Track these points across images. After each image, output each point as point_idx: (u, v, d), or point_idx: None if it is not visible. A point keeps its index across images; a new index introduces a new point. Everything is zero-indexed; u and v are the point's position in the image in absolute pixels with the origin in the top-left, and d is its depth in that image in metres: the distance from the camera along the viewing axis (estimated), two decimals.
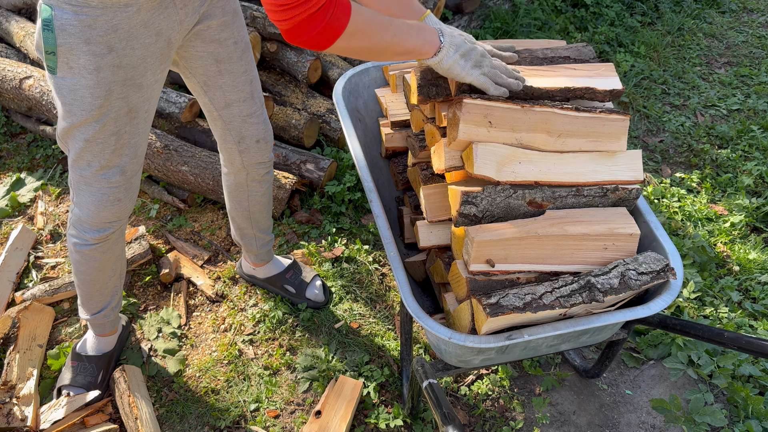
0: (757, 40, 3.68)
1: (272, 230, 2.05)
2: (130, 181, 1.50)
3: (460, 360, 1.46)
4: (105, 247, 1.61)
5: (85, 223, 1.55)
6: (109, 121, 1.36)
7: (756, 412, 1.81)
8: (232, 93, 1.59)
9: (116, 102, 1.35)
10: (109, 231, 1.57)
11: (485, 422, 1.83)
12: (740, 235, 2.41)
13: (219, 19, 1.47)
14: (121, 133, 1.40)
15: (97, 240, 1.58)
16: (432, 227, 1.52)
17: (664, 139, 2.93)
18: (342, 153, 2.60)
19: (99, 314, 1.79)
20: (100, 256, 1.63)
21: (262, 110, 1.69)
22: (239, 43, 1.54)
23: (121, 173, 1.46)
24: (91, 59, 1.26)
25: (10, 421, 1.68)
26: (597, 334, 1.49)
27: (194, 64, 1.53)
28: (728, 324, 2.03)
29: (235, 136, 1.68)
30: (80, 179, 1.47)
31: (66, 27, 1.22)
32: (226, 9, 1.48)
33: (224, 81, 1.56)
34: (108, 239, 1.60)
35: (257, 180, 1.81)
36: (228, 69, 1.55)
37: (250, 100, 1.63)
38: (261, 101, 1.68)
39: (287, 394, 1.88)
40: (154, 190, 2.49)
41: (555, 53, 1.51)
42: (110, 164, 1.44)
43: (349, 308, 2.12)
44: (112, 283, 1.75)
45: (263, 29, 2.54)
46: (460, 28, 3.35)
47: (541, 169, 1.35)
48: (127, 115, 1.39)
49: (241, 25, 1.54)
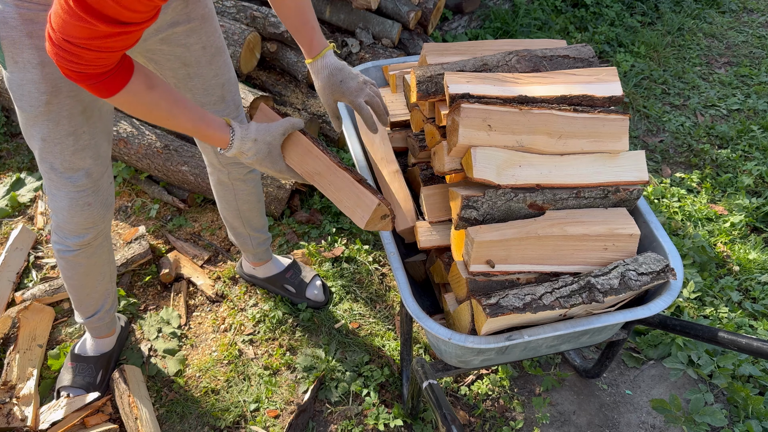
0: (757, 40, 3.68)
1: (268, 229, 2.04)
2: (97, 183, 1.47)
3: (460, 360, 1.46)
4: (88, 252, 1.59)
5: (64, 229, 1.53)
6: (62, 119, 1.33)
7: (756, 412, 1.81)
8: (202, 96, 1.56)
9: (67, 100, 1.31)
10: (89, 237, 1.55)
11: (485, 422, 1.83)
12: (740, 235, 2.41)
13: (184, 26, 1.43)
14: (78, 134, 1.37)
15: (78, 246, 1.56)
16: (432, 228, 1.52)
17: (664, 139, 2.93)
18: (342, 153, 2.60)
19: (93, 318, 1.78)
20: (85, 261, 1.61)
21: (238, 113, 1.65)
22: (208, 47, 1.50)
23: (86, 176, 1.44)
24: (34, 53, 1.24)
25: (10, 421, 1.68)
26: (597, 334, 1.49)
27: (163, 66, 1.49)
28: (728, 324, 2.03)
29: None
30: (50, 183, 1.45)
31: (8, 20, 1.20)
32: (192, 15, 1.44)
33: (194, 84, 1.53)
34: (90, 245, 1.57)
35: (240, 179, 1.80)
36: (197, 72, 1.51)
37: (221, 103, 1.59)
38: (236, 104, 1.63)
39: (287, 394, 1.88)
40: (154, 190, 2.49)
41: (555, 53, 1.51)
42: (73, 166, 1.41)
43: (349, 308, 2.12)
44: (102, 287, 1.74)
45: (263, 29, 2.54)
46: (461, 28, 3.35)
47: (542, 171, 1.35)
48: (82, 114, 1.36)
49: (210, 30, 1.49)
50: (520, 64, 1.48)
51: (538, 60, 1.50)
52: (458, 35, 3.32)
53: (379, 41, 2.87)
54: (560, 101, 1.39)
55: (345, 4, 2.88)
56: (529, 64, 1.49)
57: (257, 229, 1.98)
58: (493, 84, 1.37)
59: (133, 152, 2.41)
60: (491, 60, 1.48)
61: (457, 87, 1.34)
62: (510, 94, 1.36)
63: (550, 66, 1.49)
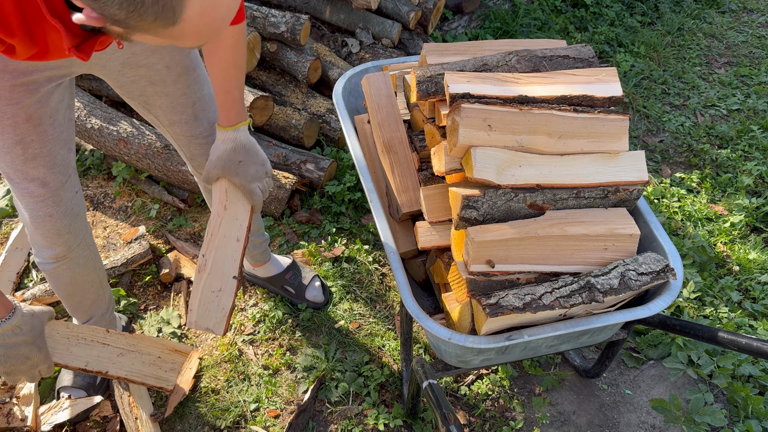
0: (757, 40, 3.68)
1: (266, 230, 2.03)
2: (57, 193, 1.39)
3: (460, 360, 1.46)
4: (68, 264, 1.55)
5: (37, 243, 1.49)
6: (6, 128, 1.26)
7: (756, 412, 1.81)
8: (172, 114, 1.52)
9: (7, 108, 1.24)
10: (59, 249, 1.49)
11: (485, 422, 1.83)
12: (740, 235, 2.41)
13: (143, 46, 1.37)
14: (26, 142, 1.30)
15: (55, 258, 1.51)
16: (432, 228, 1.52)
17: (664, 139, 2.93)
18: (342, 153, 2.60)
19: (89, 323, 1.77)
20: (67, 272, 1.57)
21: (212, 131, 1.58)
22: (173, 67, 1.43)
23: (42, 185, 1.36)
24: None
25: (10, 421, 1.68)
26: (597, 334, 1.49)
27: (130, 88, 1.46)
28: (728, 324, 2.03)
29: (186, 153, 1.63)
30: (14, 196, 1.40)
31: None
32: None
33: (162, 102, 1.49)
34: (66, 257, 1.52)
35: None
36: (164, 91, 1.47)
37: (194, 122, 1.54)
38: (210, 123, 1.57)
39: (287, 394, 1.88)
40: (154, 190, 2.49)
41: (555, 53, 1.51)
42: (27, 176, 1.34)
43: (349, 308, 2.12)
44: (92, 294, 1.71)
45: (263, 29, 2.54)
46: (461, 28, 3.35)
47: (542, 171, 1.35)
48: (27, 122, 1.28)
49: (174, 49, 1.42)
50: (520, 64, 1.48)
51: (538, 60, 1.50)
52: (458, 35, 3.32)
53: (379, 41, 2.87)
54: (560, 101, 1.39)
55: (345, 4, 2.88)
56: (529, 64, 1.49)
57: (256, 233, 1.96)
58: (493, 84, 1.37)
59: (133, 152, 2.41)
60: (491, 60, 1.48)
61: (457, 87, 1.34)
62: (510, 94, 1.37)
63: (550, 66, 1.49)
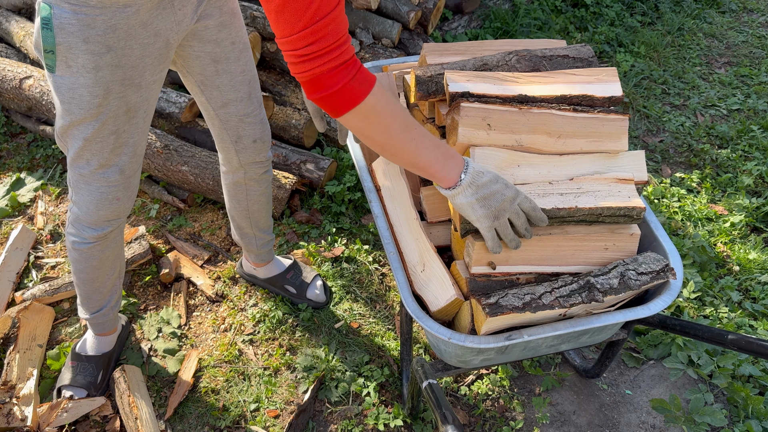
0: (757, 40, 3.68)
1: (272, 230, 2.05)
2: (129, 180, 1.51)
3: (460, 360, 1.46)
4: (103, 245, 1.61)
5: (84, 222, 1.56)
6: (108, 120, 1.37)
7: (756, 412, 1.81)
8: (229, 93, 1.59)
9: (114, 101, 1.35)
10: (107, 230, 1.57)
11: (485, 422, 1.83)
12: (740, 235, 2.41)
13: (217, 19, 1.47)
14: (119, 132, 1.41)
15: (95, 238, 1.58)
16: (432, 228, 1.52)
17: (664, 139, 2.93)
18: (342, 153, 2.60)
19: (98, 313, 1.79)
20: (98, 254, 1.63)
21: (260, 110, 1.69)
22: (237, 43, 1.53)
23: (120, 172, 1.47)
24: (89, 58, 1.26)
25: (10, 421, 1.68)
26: (597, 334, 1.49)
27: (192, 63, 1.53)
28: (728, 324, 2.03)
29: (232, 136, 1.68)
30: (79, 178, 1.47)
31: (65, 26, 1.22)
32: (224, 9, 1.47)
33: (221, 81, 1.56)
34: (106, 238, 1.60)
35: (255, 179, 1.81)
36: (225, 69, 1.54)
37: (247, 100, 1.62)
38: (259, 101, 1.67)
39: (287, 394, 1.88)
40: (154, 190, 2.49)
41: (555, 53, 1.51)
42: (109, 163, 1.44)
43: (349, 308, 2.12)
44: (111, 282, 1.75)
45: (263, 29, 2.54)
46: (461, 28, 3.34)
47: (541, 171, 1.35)
48: (126, 114, 1.39)
49: (239, 25, 1.53)
50: (520, 64, 1.48)
51: (538, 60, 1.50)
52: (458, 35, 3.32)
53: (379, 41, 2.87)
54: (560, 101, 1.39)
55: (345, 4, 2.88)
56: (529, 64, 1.49)
57: (263, 229, 1.99)
58: (493, 83, 1.37)
59: None
60: (491, 60, 1.48)
61: (457, 85, 1.34)
62: (510, 94, 1.37)
63: (550, 66, 1.49)
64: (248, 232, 1.97)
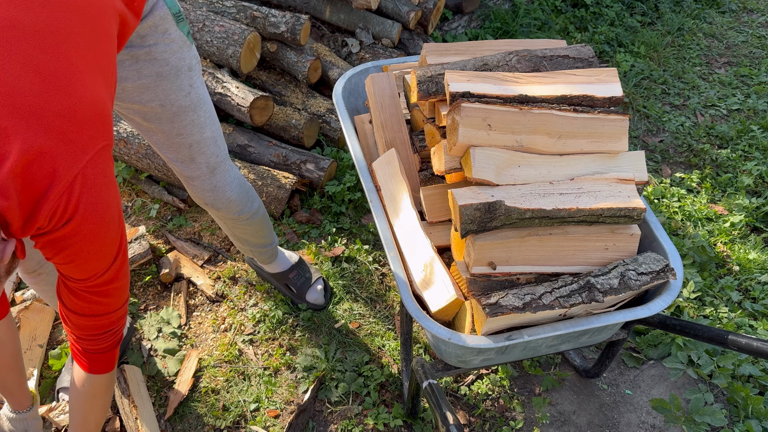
0: (757, 40, 3.68)
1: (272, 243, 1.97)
2: None
3: (460, 360, 1.46)
4: (43, 280, 1.57)
5: None
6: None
7: (756, 412, 1.81)
8: (168, 152, 1.49)
9: None
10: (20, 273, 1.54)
11: (485, 422, 1.83)
12: (740, 235, 2.41)
13: (134, 83, 1.35)
14: None
15: (26, 281, 1.57)
16: (432, 228, 1.52)
17: (664, 139, 2.93)
18: (342, 153, 2.60)
19: None
20: (47, 287, 1.60)
21: (212, 178, 1.54)
22: (167, 106, 1.40)
23: None
24: None
25: None
26: (597, 334, 1.49)
27: (126, 116, 1.45)
28: (728, 324, 2.03)
29: (184, 185, 1.61)
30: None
31: None
32: (144, 73, 1.34)
33: (157, 138, 1.46)
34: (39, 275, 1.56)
35: (230, 218, 1.71)
36: (158, 128, 1.43)
37: (191, 163, 1.50)
38: (209, 168, 1.52)
39: (287, 394, 1.88)
40: (154, 190, 2.49)
41: (555, 53, 1.51)
42: None
43: (349, 308, 2.12)
44: None
45: (263, 29, 2.54)
46: (461, 28, 3.35)
47: (541, 172, 1.35)
48: None
49: (170, 88, 1.38)
50: (521, 64, 1.48)
51: (538, 60, 1.50)
52: (458, 35, 3.32)
53: (379, 41, 2.87)
54: (560, 101, 1.39)
55: (345, 4, 2.88)
56: (529, 64, 1.49)
57: (259, 245, 1.93)
58: (494, 83, 1.37)
59: (133, 152, 2.41)
60: (491, 60, 1.48)
61: (457, 85, 1.34)
62: (510, 94, 1.37)
63: (550, 66, 1.49)
64: (244, 248, 1.95)
